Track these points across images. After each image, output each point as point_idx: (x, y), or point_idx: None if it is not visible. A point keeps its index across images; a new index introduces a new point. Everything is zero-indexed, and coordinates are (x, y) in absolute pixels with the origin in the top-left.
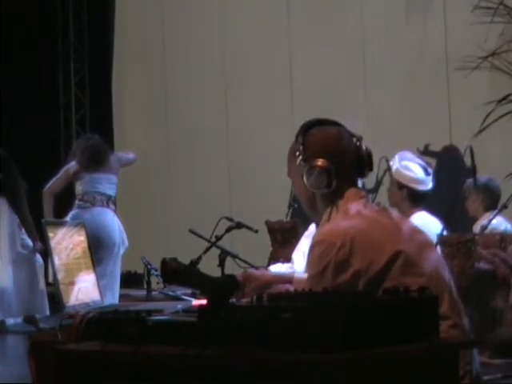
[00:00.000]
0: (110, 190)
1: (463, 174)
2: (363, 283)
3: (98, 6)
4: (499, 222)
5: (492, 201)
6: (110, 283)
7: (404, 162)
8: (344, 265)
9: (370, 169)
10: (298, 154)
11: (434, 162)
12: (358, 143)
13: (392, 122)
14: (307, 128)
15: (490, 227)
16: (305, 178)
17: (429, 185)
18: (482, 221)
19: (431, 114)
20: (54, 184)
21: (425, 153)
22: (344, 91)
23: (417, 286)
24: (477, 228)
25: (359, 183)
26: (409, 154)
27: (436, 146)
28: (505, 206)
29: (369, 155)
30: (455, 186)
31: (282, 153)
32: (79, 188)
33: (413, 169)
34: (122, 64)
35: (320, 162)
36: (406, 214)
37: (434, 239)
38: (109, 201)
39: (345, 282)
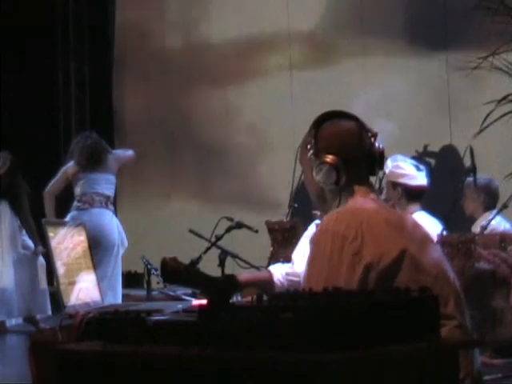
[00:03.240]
0: (109, 190)
1: (463, 173)
2: (374, 277)
3: (98, 6)
4: (498, 222)
5: (492, 201)
6: (112, 284)
7: (395, 163)
8: (356, 258)
9: (381, 167)
10: (309, 147)
11: (433, 162)
12: (372, 139)
13: (391, 123)
14: (321, 121)
15: (489, 227)
16: (314, 173)
17: (422, 180)
18: (481, 221)
19: (431, 115)
20: (53, 185)
21: (424, 153)
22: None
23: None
24: (476, 228)
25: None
26: (399, 156)
27: (436, 146)
28: (505, 206)
29: (381, 153)
30: (455, 186)
31: (282, 152)
32: (77, 189)
33: (404, 167)
34: (122, 64)
35: (329, 158)
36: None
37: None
38: (107, 201)
39: (357, 277)
